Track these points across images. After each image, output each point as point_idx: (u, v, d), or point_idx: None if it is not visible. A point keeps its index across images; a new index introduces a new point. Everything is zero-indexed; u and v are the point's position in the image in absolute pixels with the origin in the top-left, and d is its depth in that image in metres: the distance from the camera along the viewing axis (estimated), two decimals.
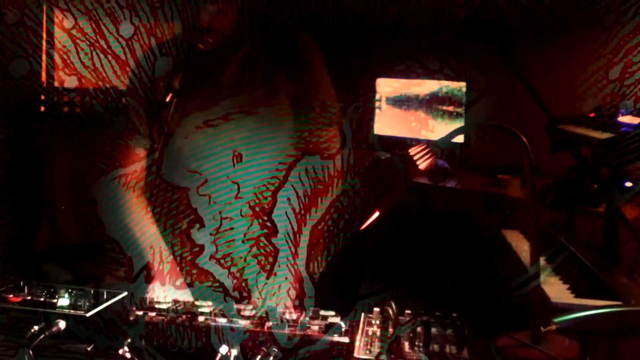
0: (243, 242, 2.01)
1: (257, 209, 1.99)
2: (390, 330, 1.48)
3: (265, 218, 1.99)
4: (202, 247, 2.07)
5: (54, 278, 1.80)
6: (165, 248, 2.00)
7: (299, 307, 1.64)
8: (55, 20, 3.92)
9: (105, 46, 2.00)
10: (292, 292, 1.96)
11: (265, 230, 2.00)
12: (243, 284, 1.96)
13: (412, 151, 1.54)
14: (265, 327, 1.49)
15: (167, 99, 1.76)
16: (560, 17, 3.42)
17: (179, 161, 1.99)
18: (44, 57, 4.05)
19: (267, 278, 1.99)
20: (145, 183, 2.02)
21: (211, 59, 1.95)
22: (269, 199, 1.97)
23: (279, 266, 2.00)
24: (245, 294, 1.95)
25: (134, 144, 2.04)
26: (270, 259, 1.97)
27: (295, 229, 2.01)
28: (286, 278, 1.99)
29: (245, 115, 1.95)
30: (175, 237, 2.04)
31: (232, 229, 2.01)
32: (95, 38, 2.07)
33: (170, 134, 1.87)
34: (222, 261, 2.02)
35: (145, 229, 1.99)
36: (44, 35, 4.07)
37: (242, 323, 1.51)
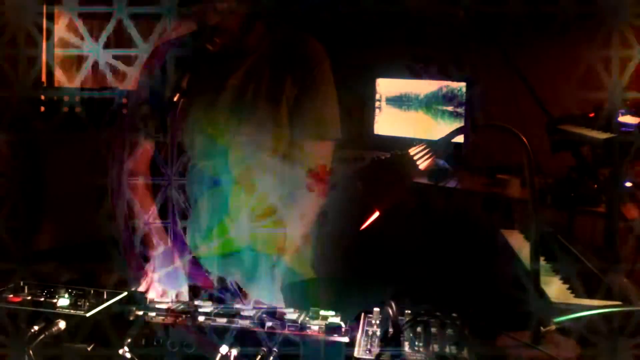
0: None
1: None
2: (391, 330, 1.48)
3: None
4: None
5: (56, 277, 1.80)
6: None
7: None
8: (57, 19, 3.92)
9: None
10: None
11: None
12: None
13: (412, 151, 1.54)
14: (265, 327, 1.49)
15: (175, 99, 1.76)
16: (560, 16, 3.42)
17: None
18: (44, 57, 4.06)
19: None
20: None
21: (219, 61, 1.95)
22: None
23: None
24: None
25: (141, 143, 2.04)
26: None
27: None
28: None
29: (246, 120, 1.95)
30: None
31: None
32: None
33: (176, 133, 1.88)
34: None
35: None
36: (45, 35, 4.08)
37: (243, 323, 1.51)
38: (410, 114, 4.50)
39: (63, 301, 1.54)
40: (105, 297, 1.59)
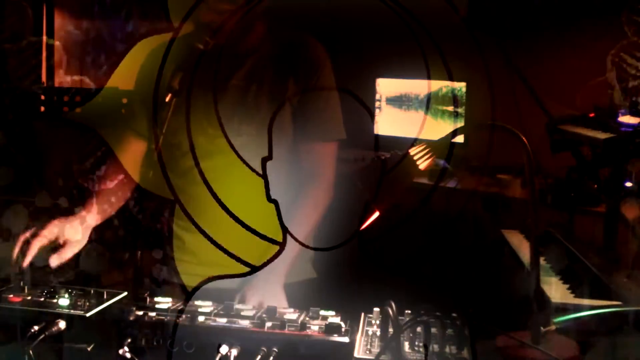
0: None
1: None
2: (390, 330, 1.48)
3: None
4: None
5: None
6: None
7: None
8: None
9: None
10: None
11: None
12: None
13: (412, 151, 1.54)
14: (265, 327, 1.49)
15: (167, 99, 1.76)
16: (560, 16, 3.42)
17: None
18: (44, 56, 4.06)
19: None
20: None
21: (220, 61, 1.94)
22: None
23: None
24: None
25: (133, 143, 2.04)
26: None
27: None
28: None
29: (248, 120, 1.95)
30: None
31: None
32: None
33: (169, 134, 1.87)
34: None
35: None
36: (44, 34, 4.08)
37: (243, 323, 1.51)
38: (410, 114, 4.50)
39: (63, 301, 1.54)
40: (105, 297, 1.59)
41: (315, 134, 1.97)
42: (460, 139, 1.83)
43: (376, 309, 1.57)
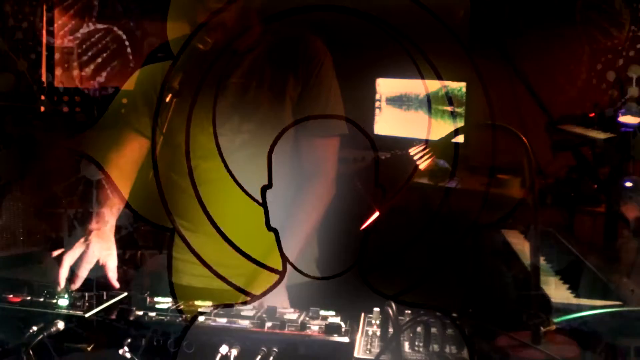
0: None
1: None
2: (391, 330, 1.48)
3: None
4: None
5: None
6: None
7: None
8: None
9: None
10: None
11: None
12: None
13: (412, 151, 1.54)
14: (265, 327, 1.49)
15: (167, 100, 1.76)
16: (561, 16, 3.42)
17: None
18: (44, 56, 4.05)
19: None
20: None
21: (218, 59, 1.94)
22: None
23: None
24: None
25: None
26: None
27: None
28: None
29: (248, 117, 1.95)
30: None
31: None
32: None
33: (170, 134, 1.87)
34: None
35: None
36: (44, 34, 4.07)
37: (243, 323, 1.51)
38: (410, 113, 4.49)
39: (63, 301, 1.54)
40: (104, 297, 1.59)
41: (316, 129, 1.97)
42: (460, 139, 1.83)
43: (376, 309, 1.57)
